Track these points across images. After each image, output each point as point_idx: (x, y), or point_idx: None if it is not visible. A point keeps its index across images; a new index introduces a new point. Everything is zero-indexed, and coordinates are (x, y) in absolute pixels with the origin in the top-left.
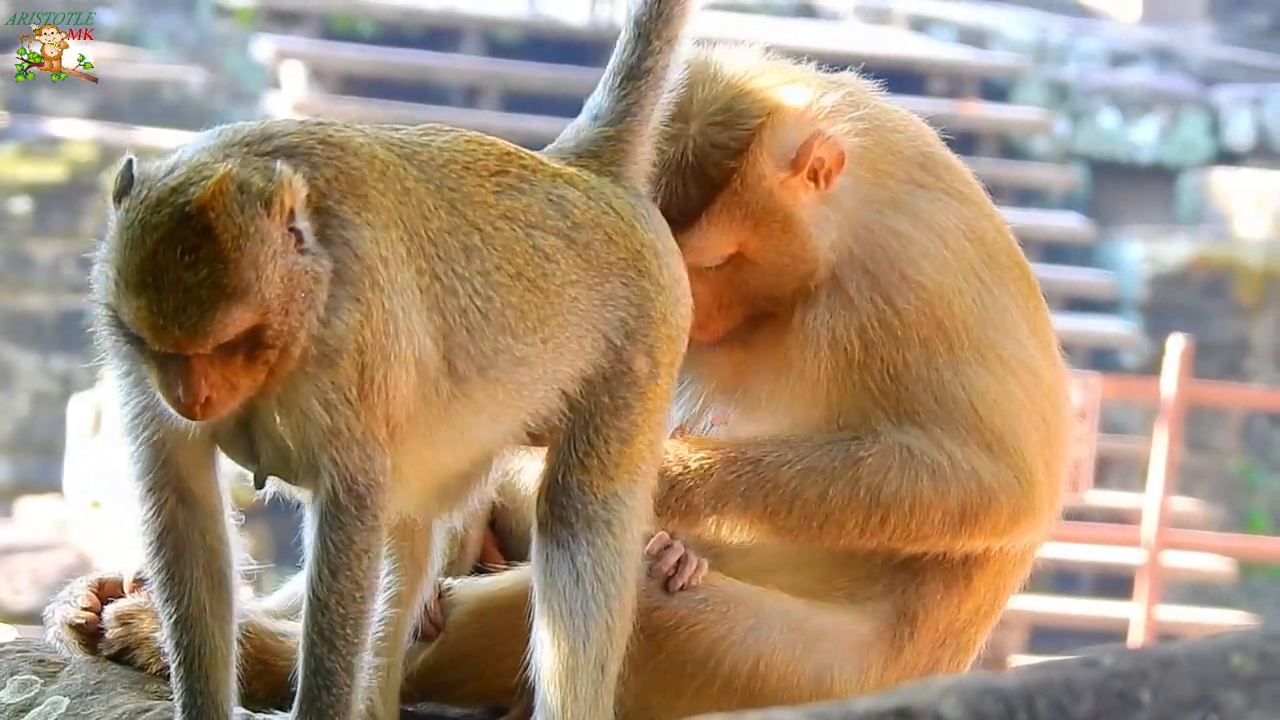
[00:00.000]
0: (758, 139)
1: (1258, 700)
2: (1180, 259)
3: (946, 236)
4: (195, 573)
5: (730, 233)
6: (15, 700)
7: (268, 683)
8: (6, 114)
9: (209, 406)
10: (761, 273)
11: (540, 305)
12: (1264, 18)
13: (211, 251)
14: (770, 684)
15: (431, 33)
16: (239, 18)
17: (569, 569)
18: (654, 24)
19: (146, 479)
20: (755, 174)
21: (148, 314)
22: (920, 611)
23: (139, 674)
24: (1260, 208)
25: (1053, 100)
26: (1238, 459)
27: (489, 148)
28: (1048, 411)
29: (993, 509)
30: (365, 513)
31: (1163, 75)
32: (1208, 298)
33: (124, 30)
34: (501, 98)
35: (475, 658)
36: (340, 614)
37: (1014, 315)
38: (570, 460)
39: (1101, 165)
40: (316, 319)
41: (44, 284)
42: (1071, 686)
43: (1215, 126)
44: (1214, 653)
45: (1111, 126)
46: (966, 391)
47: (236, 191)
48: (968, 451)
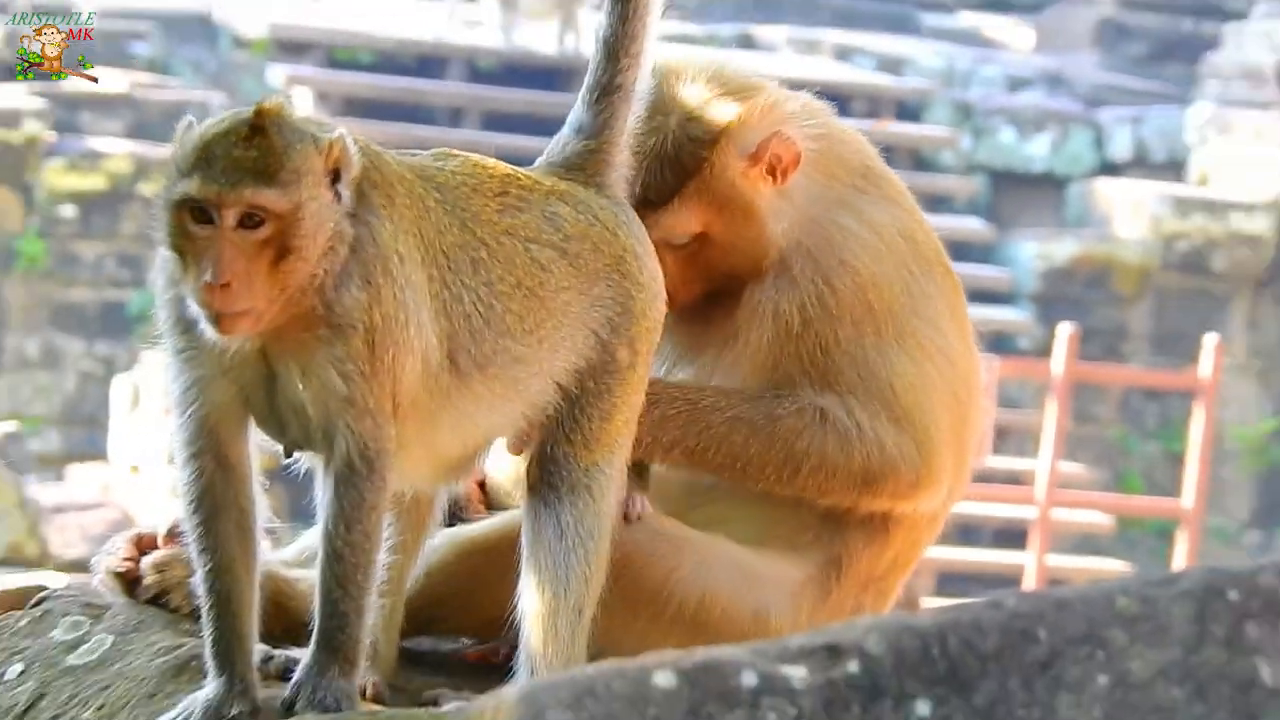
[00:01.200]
0: (726, 133)
1: (1138, 636)
2: (1067, 256)
3: (882, 233)
4: (227, 528)
5: (698, 214)
6: (67, 638)
7: (283, 621)
8: (54, 133)
9: (229, 293)
10: (722, 252)
11: (536, 310)
12: (1141, 47)
13: (264, 143)
14: (714, 616)
15: (422, 61)
16: (254, 48)
17: (554, 526)
18: (621, 43)
19: (190, 447)
20: (722, 164)
21: (200, 169)
22: (846, 559)
23: (173, 615)
24: (1137, 212)
25: (958, 119)
26: (1116, 428)
27: (492, 170)
28: (960, 393)
29: (892, 476)
30: (375, 475)
31: (1053, 97)
32: (1091, 290)
33: (155, 60)
34: (482, 118)
35: (462, 594)
36: (352, 563)
37: (937, 305)
38: (558, 435)
39: (1000, 175)
40: (331, 282)
41: (88, 279)
42: (979, 625)
43: (1099, 142)
44: (1101, 596)
45: (1009, 142)
46: (886, 370)
47: (296, 122)
48: (876, 423)
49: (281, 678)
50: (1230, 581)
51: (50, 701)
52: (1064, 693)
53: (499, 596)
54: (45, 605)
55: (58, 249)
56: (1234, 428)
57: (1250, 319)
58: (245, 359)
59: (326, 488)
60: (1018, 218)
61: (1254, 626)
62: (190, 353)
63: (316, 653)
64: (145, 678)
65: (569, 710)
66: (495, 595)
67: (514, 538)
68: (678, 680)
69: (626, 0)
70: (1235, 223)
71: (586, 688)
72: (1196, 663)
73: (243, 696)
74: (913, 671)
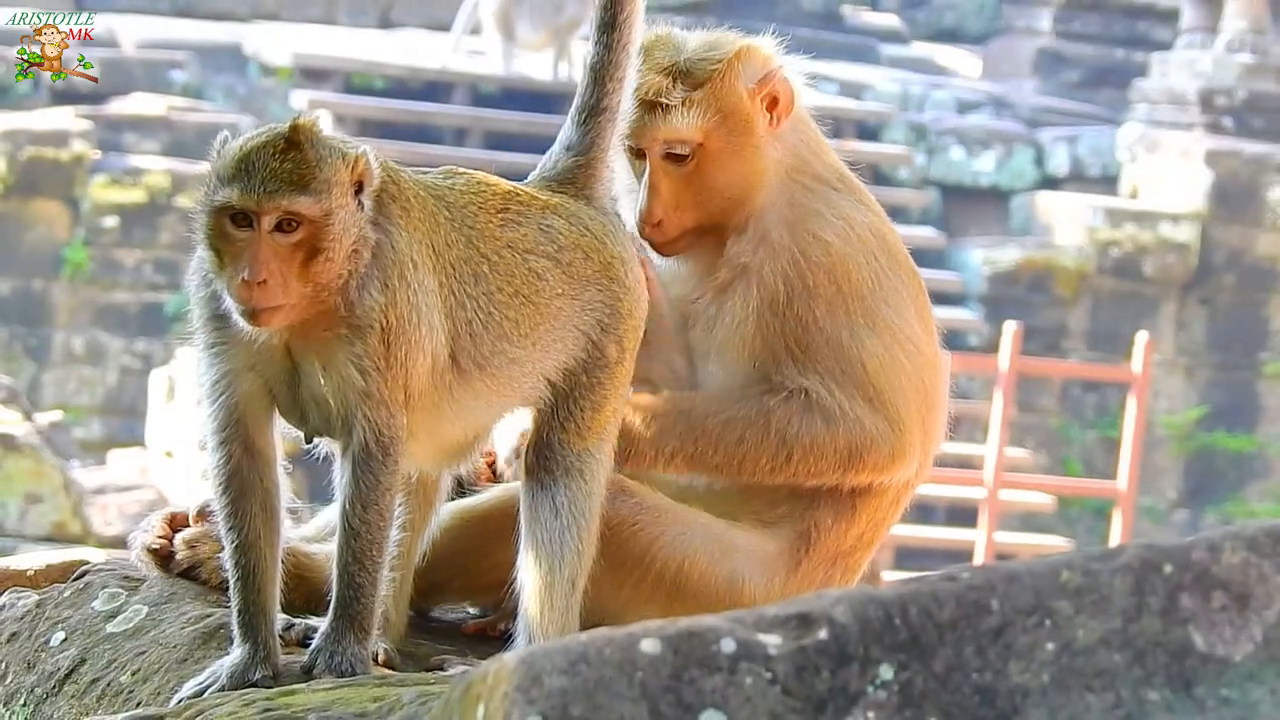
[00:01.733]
0: (736, 56)
1: (1081, 607)
2: (1012, 262)
3: (854, 225)
4: (254, 508)
5: (703, 120)
6: (105, 608)
7: (303, 592)
8: (99, 152)
9: (265, 290)
10: (717, 171)
11: (532, 316)
12: (1077, 74)
13: (298, 156)
14: (692, 581)
15: (430, 86)
16: (280, 76)
17: (550, 506)
18: (607, 69)
19: (220, 434)
20: (730, 78)
21: (240, 179)
22: (814, 534)
23: (203, 588)
24: (1074, 222)
25: (913, 139)
26: (1057, 417)
27: (495, 188)
28: (927, 377)
29: (873, 450)
30: (389, 459)
31: (998, 119)
32: (1033, 292)
33: (190, 86)
34: (484, 138)
35: (462, 557)
36: (368, 539)
37: (903, 297)
38: (553, 423)
39: (951, 189)
40: (354, 284)
41: (129, 283)
42: (936, 596)
43: (1039, 159)
44: (1047, 569)
45: (959, 159)
46: (858, 350)
47: (326, 138)
48: (854, 403)
49: (301, 644)
50: (1165, 556)
51: (90, 666)
52: (1015, 659)
53: (498, 561)
54: (86, 579)
55: (101, 256)
56: (1164, 417)
57: (1178, 319)
58: (270, 354)
59: (344, 471)
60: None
61: (1187, 598)
62: (220, 348)
63: (334, 621)
64: (177, 644)
65: (564, 675)
66: (494, 560)
67: (509, 508)
68: (662, 647)
69: (612, 31)
70: (1163, 232)
71: (580, 654)
72: (1135, 631)
73: (265, 661)
74: (877, 639)
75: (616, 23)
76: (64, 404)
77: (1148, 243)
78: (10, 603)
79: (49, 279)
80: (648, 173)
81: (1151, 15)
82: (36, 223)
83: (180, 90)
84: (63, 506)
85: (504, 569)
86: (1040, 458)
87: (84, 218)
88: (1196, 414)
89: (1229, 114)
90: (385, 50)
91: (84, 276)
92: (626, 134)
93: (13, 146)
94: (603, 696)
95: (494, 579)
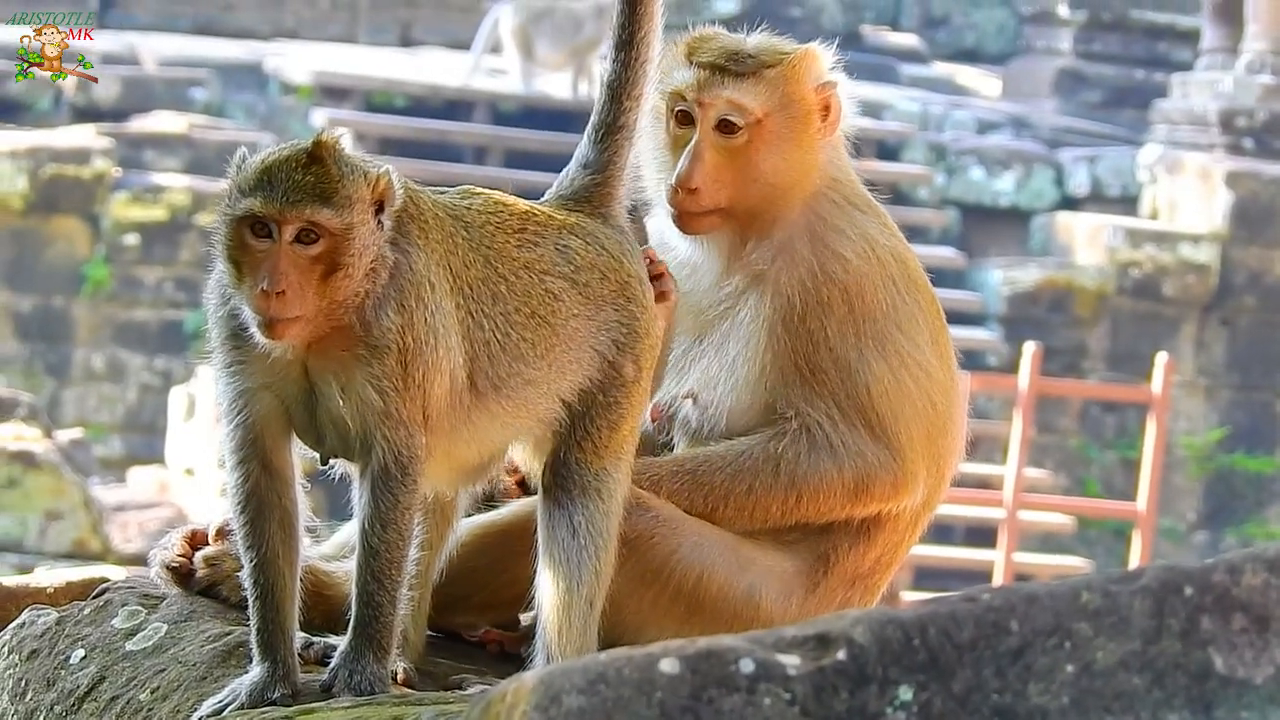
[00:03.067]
0: (808, 52)
1: (1101, 628)
2: (1032, 282)
3: (875, 247)
4: (272, 526)
5: (765, 99)
6: (125, 626)
7: (322, 611)
8: (120, 170)
9: (284, 301)
10: (767, 152)
11: (548, 337)
12: (1097, 95)
13: (321, 170)
14: (711, 594)
15: (450, 105)
16: (300, 94)
17: (567, 526)
18: (624, 88)
19: (238, 453)
20: (801, 69)
21: (262, 190)
22: (833, 557)
23: (222, 605)
24: (1094, 243)
25: (933, 159)
26: (1077, 438)
27: (512, 208)
28: (938, 402)
29: (877, 482)
30: (408, 479)
31: (1018, 139)
32: (1053, 312)
33: (211, 104)
34: (504, 156)
35: (480, 573)
36: (387, 558)
37: (918, 323)
38: (570, 442)
39: (970, 209)
40: (371, 303)
41: (149, 301)
42: (955, 617)
43: (1059, 179)
44: (1067, 591)
45: (978, 179)
46: (865, 375)
47: (349, 155)
48: (855, 434)
49: (320, 663)
50: (1186, 578)
51: (110, 684)
52: (1034, 680)
53: (516, 576)
54: (106, 596)
55: (121, 273)
56: (1183, 438)
57: (1197, 340)
58: (287, 374)
59: (363, 491)
60: (987, 247)
61: (1208, 620)
62: (238, 366)
63: (353, 640)
64: (196, 662)
65: (582, 694)
66: (512, 575)
67: (527, 523)
68: (681, 666)
69: (629, 48)
70: (1183, 252)
71: (599, 673)
72: (1155, 653)
73: (284, 680)
74: (896, 660)
75: (634, 41)
76: (84, 421)
77: (1168, 263)
78: (30, 620)
79: (70, 296)
80: (695, 138)
81: (1172, 36)
82: (57, 240)
83: (201, 108)
84: (83, 524)
85: (522, 584)
86: (1059, 478)
87: (105, 235)
88: (1216, 435)
89: (1249, 135)
90: (405, 69)
91: (105, 294)
92: (675, 89)
93: (34, 164)
94: (621, 716)
95: (512, 594)
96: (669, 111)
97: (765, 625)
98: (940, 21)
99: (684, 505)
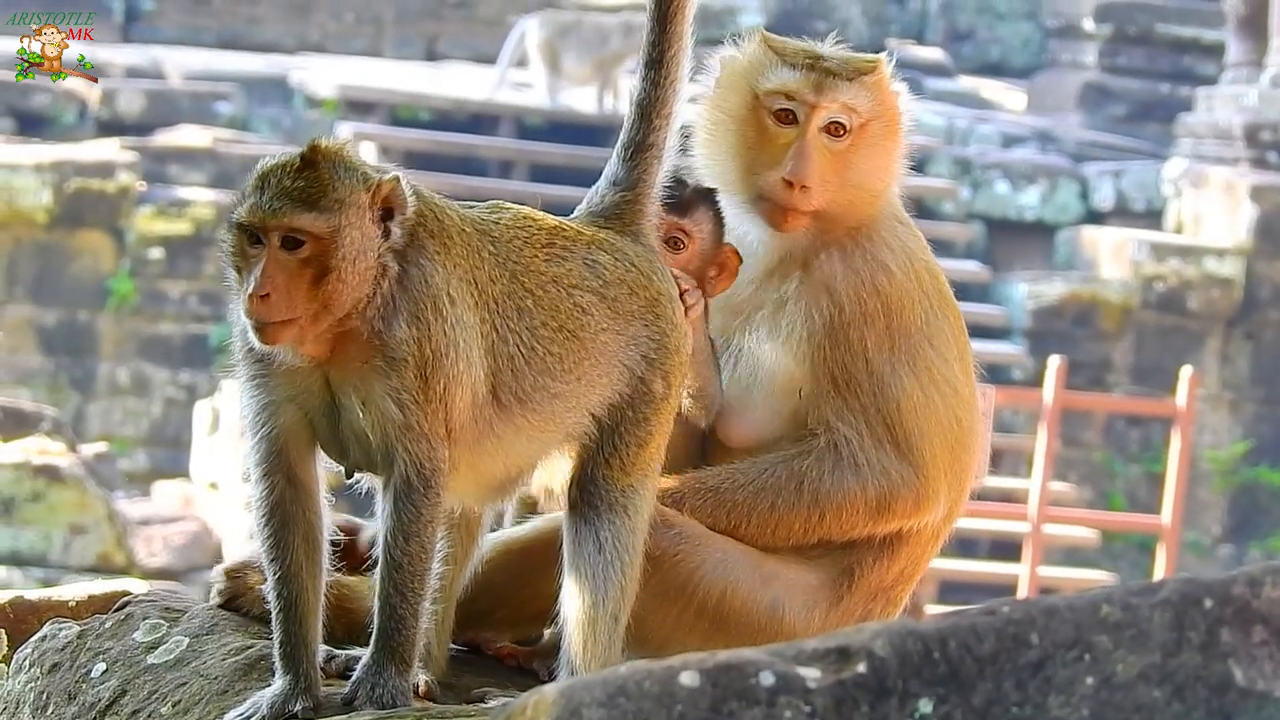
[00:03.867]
0: (882, 62)
1: (1121, 641)
2: (1056, 296)
3: (914, 262)
4: (296, 540)
5: (869, 104)
6: (147, 639)
7: (345, 623)
8: (144, 183)
9: (268, 304)
10: (863, 160)
11: (576, 351)
12: (1122, 109)
13: (311, 174)
14: (735, 609)
15: (475, 119)
16: (325, 107)
17: (593, 541)
18: (654, 106)
19: (263, 466)
20: (887, 78)
21: (253, 197)
22: (857, 571)
23: (244, 619)
24: (1119, 257)
25: (958, 173)
26: (1101, 451)
27: (541, 223)
28: (962, 419)
29: (900, 499)
30: (430, 492)
31: (1043, 153)
32: (1078, 326)
33: (236, 118)
34: (529, 170)
35: (504, 587)
36: (410, 571)
37: (947, 338)
38: (597, 458)
39: (996, 223)
40: (380, 315)
41: (174, 314)
42: (976, 630)
43: (1084, 193)
44: (1087, 604)
45: (1004, 193)
46: (896, 390)
47: (347, 160)
48: (881, 450)
49: (343, 676)
50: (1205, 591)
51: (131, 698)
52: (1054, 693)
53: (540, 591)
54: (128, 610)
55: (146, 287)
56: (1208, 451)
57: (1222, 354)
58: (309, 386)
59: (386, 503)
60: (1012, 261)
61: (1228, 632)
62: (261, 379)
63: (375, 653)
64: (218, 676)
65: (603, 707)
66: (536, 590)
67: (551, 538)
68: (701, 679)
69: (659, 67)
70: (1208, 266)
71: (619, 686)
72: (1175, 666)
73: (306, 693)
74: (916, 673)
75: (664, 60)
76: (109, 435)
77: (1192, 277)
78: (52, 633)
79: (94, 310)
80: (803, 137)
81: (1197, 50)
82: (82, 254)
83: (226, 122)
84: (107, 537)
85: (546, 599)
86: (1084, 492)
87: (129, 249)
88: (1241, 449)
89: (1274, 148)
90: (430, 82)
91: (129, 308)
92: (777, 88)
93: (59, 178)
94: None
95: (536, 609)
96: (764, 110)
97: (789, 639)
98: (965, 35)
99: (707, 522)
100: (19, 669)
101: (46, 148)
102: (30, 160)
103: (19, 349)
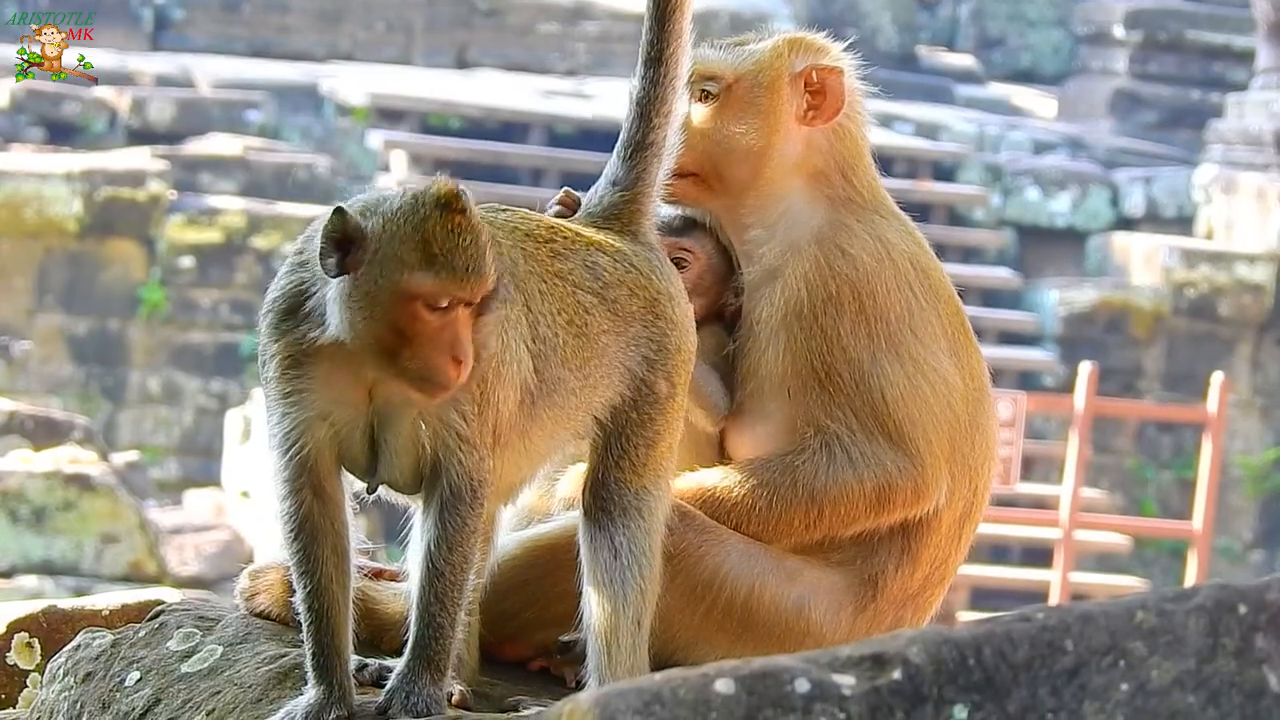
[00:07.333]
0: (791, 40)
1: (1156, 647)
2: (1088, 303)
3: (890, 249)
4: (324, 552)
5: (737, 66)
6: (180, 648)
7: (369, 626)
8: (175, 192)
9: (463, 367)
10: (730, 119)
11: (583, 349)
12: (1153, 115)
13: (469, 223)
14: (764, 606)
15: (506, 127)
16: (356, 116)
17: (609, 547)
18: (653, 105)
19: (292, 481)
20: (778, 50)
21: (449, 272)
22: (880, 579)
23: (278, 627)
24: (1150, 263)
25: (989, 180)
26: (1132, 458)
27: (539, 220)
28: (959, 409)
29: (898, 489)
30: (476, 502)
31: (1074, 160)
32: (1109, 333)
33: (267, 126)
34: (560, 178)
35: (531, 586)
36: (451, 580)
37: (934, 330)
38: (608, 462)
39: (1027, 230)
40: None
41: (205, 323)
42: (1010, 637)
43: (1115, 199)
44: (1121, 610)
45: (1034, 199)
46: (879, 379)
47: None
48: (873, 442)
49: (375, 685)
50: (1240, 597)
51: (165, 706)
52: (1089, 699)
53: (566, 590)
54: (161, 618)
55: (177, 296)
56: (1239, 457)
57: (1253, 360)
58: (351, 401)
59: (429, 514)
60: (1043, 268)
61: (1262, 638)
62: (298, 395)
63: (411, 661)
64: (252, 684)
65: (639, 715)
66: (563, 589)
67: (574, 536)
68: (736, 687)
69: (658, 66)
70: (1239, 272)
71: (654, 694)
72: (1210, 672)
73: (340, 702)
74: (951, 680)
75: (663, 58)
76: (140, 444)
77: (1223, 283)
78: (85, 642)
79: (125, 319)
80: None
81: (1227, 56)
82: (113, 262)
83: (256, 130)
84: (139, 546)
85: (573, 599)
86: (1116, 498)
87: (160, 258)
88: (1272, 455)
89: None
90: (461, 90)
91: (160, 316)
92: None
93: (89, 186)
94: None
95: (563, 609)
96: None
97: (816, 640)
98: (996, 42)
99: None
100: (53, 678)
101: (77, 157)
102: (61, 169)
103: (50, 358)
